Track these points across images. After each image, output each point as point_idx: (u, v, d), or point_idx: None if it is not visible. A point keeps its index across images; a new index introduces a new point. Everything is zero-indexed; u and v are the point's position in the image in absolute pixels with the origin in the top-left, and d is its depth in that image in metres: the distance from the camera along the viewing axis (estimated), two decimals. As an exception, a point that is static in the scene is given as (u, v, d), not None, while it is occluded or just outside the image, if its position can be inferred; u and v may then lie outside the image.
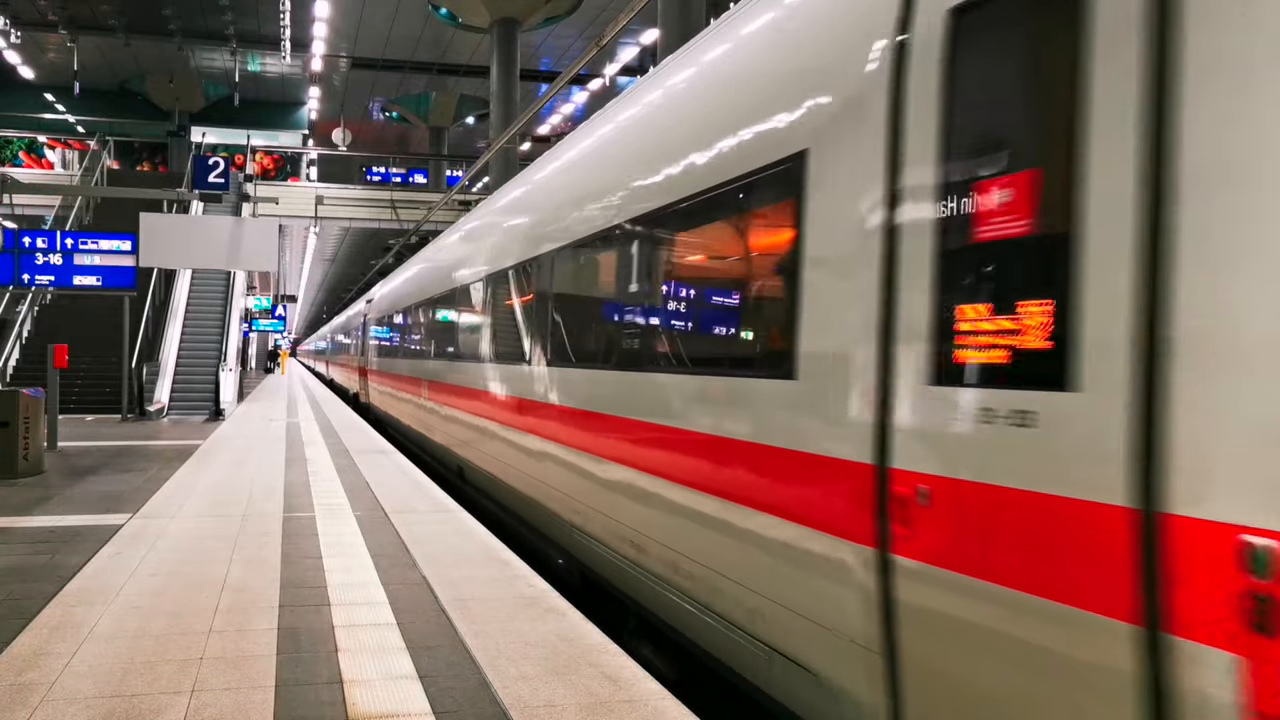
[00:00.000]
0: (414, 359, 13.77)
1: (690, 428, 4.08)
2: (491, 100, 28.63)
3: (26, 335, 19.23)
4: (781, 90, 3.56)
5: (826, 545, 3.09)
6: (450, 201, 29.06)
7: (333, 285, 59.91)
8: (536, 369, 6.60)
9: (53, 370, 12.54)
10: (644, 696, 3.49)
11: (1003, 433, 2.41)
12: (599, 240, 5.39)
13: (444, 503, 7.93)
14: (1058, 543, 2.24)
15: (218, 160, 16.77)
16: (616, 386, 4.98)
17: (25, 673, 3.68)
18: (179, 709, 3.33)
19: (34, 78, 39.72)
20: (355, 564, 5.63)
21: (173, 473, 9.57)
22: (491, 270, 8.46)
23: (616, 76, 37.83)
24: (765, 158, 3.58)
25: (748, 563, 3.60)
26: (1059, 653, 2.24)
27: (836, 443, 3.07)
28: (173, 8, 33.50)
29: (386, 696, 3.49)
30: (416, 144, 50.91)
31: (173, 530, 6.58)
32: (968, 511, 2.51)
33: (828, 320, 3.15)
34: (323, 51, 35.50)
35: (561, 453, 5.90)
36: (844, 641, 3.01)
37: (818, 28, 3.46)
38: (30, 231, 16.39)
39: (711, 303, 4.14)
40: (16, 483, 8.83)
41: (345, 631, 4.28)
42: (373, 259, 38.91)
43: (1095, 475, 2.15)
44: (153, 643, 4.07)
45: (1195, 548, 1.93)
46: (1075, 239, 2.23)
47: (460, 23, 30.89)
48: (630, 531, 4.75)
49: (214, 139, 39.63)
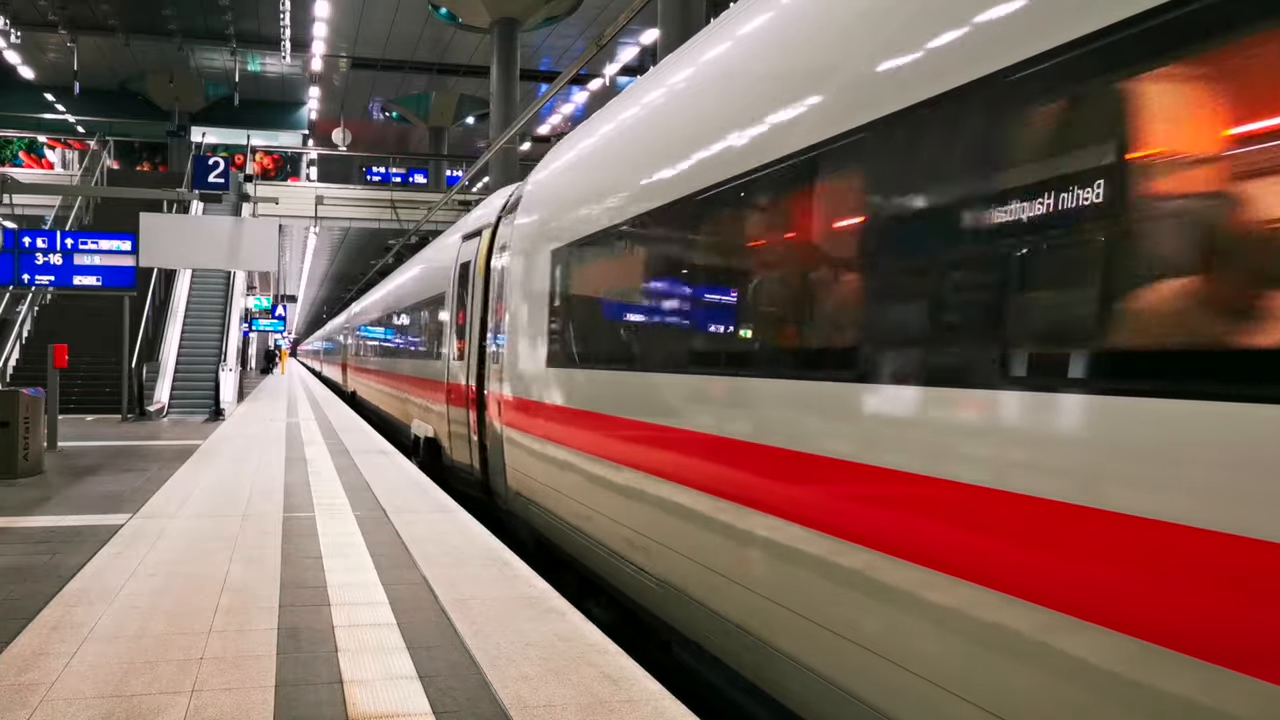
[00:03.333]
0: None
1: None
2: (491, 100, 28.61)
3: (26, 335, 19.23)
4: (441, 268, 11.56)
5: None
6: (450, 201, 29.05)
7: (333, 285, 59.91)
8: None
9: (53, 370, 12.54)
10: (644, 696, 3.49)
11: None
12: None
13: (444, 503, 7.93)
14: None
15: (218, 160, 16.77)
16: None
17: (25, 673, 3.68)
18: (179, 709, 3.33)
19: (34, 78, 39.74)
20: (355, 564, 5.63)
21: (173, 473, 9.56)
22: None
23: (616, 76, 37.82)
24: (437, 289, 11.81)
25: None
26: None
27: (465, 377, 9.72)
28: (173, 8, 33.50)
29: (386, 696, 3.49)
30: (416, 144, 50.91)
31: (173, 530, 6.58)
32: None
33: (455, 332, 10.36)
34: (323, 51, 35.50)
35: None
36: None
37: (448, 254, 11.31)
38: (30, 231, 16.40)
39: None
40: (16, 483, 8.83)
41: (345, 631, 4.28)
42: (373, 259, 38.91)
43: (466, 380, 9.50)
44: (153, 643, 4.07)
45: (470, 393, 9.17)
46: (471, 323, 9.42)
47: (460, 23, 30.88)
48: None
49: (214, 139, 39.57)
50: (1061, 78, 2.36)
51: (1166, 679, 2.05)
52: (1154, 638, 2.05)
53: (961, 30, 2.71)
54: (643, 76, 5.91)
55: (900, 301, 2.96)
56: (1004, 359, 2.49)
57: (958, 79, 2.70)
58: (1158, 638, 2.05)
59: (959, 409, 2.68)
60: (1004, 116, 2.53)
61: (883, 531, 2.93)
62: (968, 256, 2.67)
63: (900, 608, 2.84)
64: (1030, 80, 2.44)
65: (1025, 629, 2.39)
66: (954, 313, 2.72)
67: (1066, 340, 2.34)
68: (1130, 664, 2.12)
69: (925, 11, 2.90)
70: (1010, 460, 2.46)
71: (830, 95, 3.35)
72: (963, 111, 2.70)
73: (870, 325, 3.07)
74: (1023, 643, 2.40)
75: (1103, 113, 2.28)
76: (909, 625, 2.80)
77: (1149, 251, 2.18)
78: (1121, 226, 2.21)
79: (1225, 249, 2.04)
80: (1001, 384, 2.50)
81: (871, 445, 3.01)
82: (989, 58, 2.58)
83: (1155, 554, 2.08)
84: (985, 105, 2.60)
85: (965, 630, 2.59)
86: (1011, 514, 2.43)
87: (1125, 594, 2.14)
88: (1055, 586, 2.31)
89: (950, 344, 2.72)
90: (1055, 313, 2.39)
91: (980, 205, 2.61)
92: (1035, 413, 2.40)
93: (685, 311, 4.43)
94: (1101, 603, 2.18)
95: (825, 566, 3.19)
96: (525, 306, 7.19)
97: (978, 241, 2.62)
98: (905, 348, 2.90)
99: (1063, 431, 2.31)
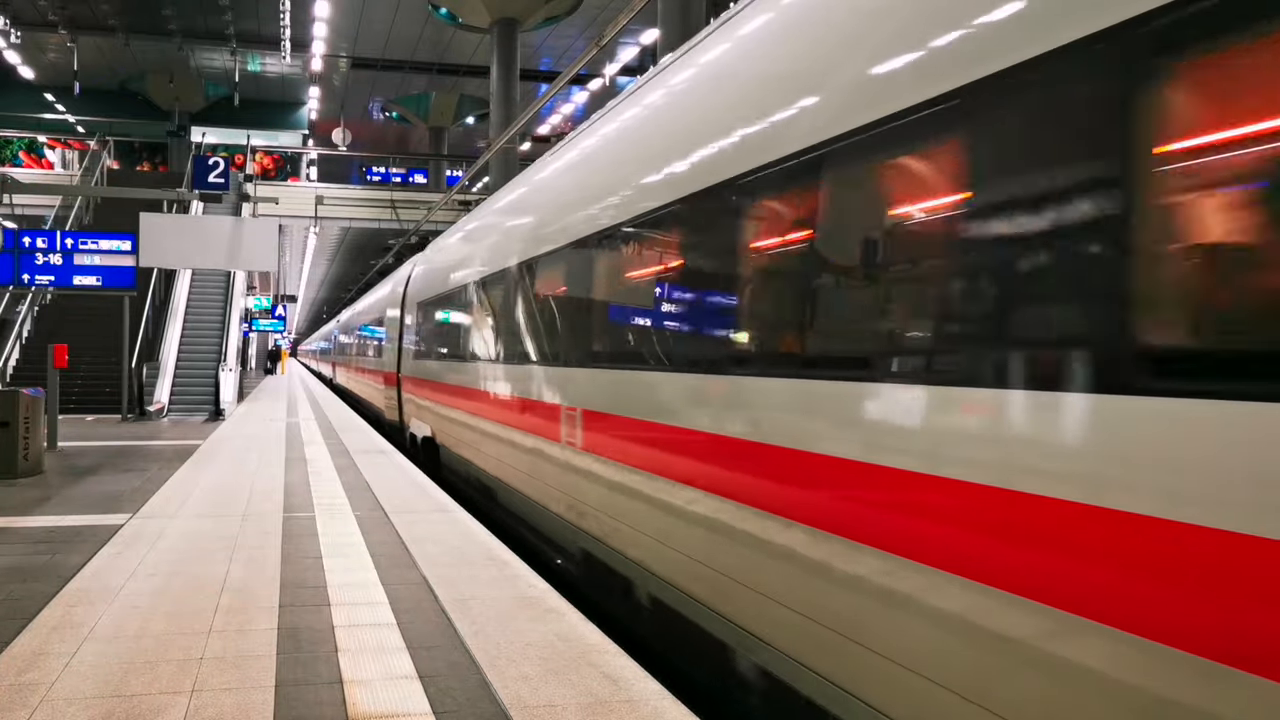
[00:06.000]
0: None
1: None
2: (491, 100, 28.61)
3: (26, 335, 19.23)
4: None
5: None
6: (450, 201, 29.04)
7: (333, 285, 59.91)
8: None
9: (53, 370, 12.54)
10: (644, 696, 3.49)
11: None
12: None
13: (444, 503, 7.93)
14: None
15: (218, 160, 16.77)
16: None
17: (25, 673, 3.68)
18: (179, 709, 3.33)
19: (34, 78, 39.71)
20: (355, 564, 5.63)
21: (173, 473, 9.57)
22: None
23: (616, 76, 37.83)
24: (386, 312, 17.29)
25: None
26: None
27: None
28: (173, 8, 33.50)
29: (386, 696, 3.49)
30: (416, 144, 50.91)
31: (173, 530, 6.58)
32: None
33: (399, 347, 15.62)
34: (323, 51, 35.48)
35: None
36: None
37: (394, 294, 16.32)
38: (30, 231, 16.40)
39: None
40: (16, 483, 8.83)
41: (345, 631, 4.28)
42: (373, 259, 38.92)
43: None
44: (153, 643, 4.07)
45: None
46: (401, 342, 14.96)
47: (460, 23, 30.88)
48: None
49: (214, 139, 39.55)
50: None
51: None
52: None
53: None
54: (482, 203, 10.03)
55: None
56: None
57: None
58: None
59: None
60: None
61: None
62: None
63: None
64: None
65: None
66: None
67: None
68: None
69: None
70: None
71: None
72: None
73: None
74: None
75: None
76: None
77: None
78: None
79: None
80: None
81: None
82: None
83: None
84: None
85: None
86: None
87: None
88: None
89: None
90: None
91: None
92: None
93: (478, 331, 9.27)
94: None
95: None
96: (415, 327, 13.49)
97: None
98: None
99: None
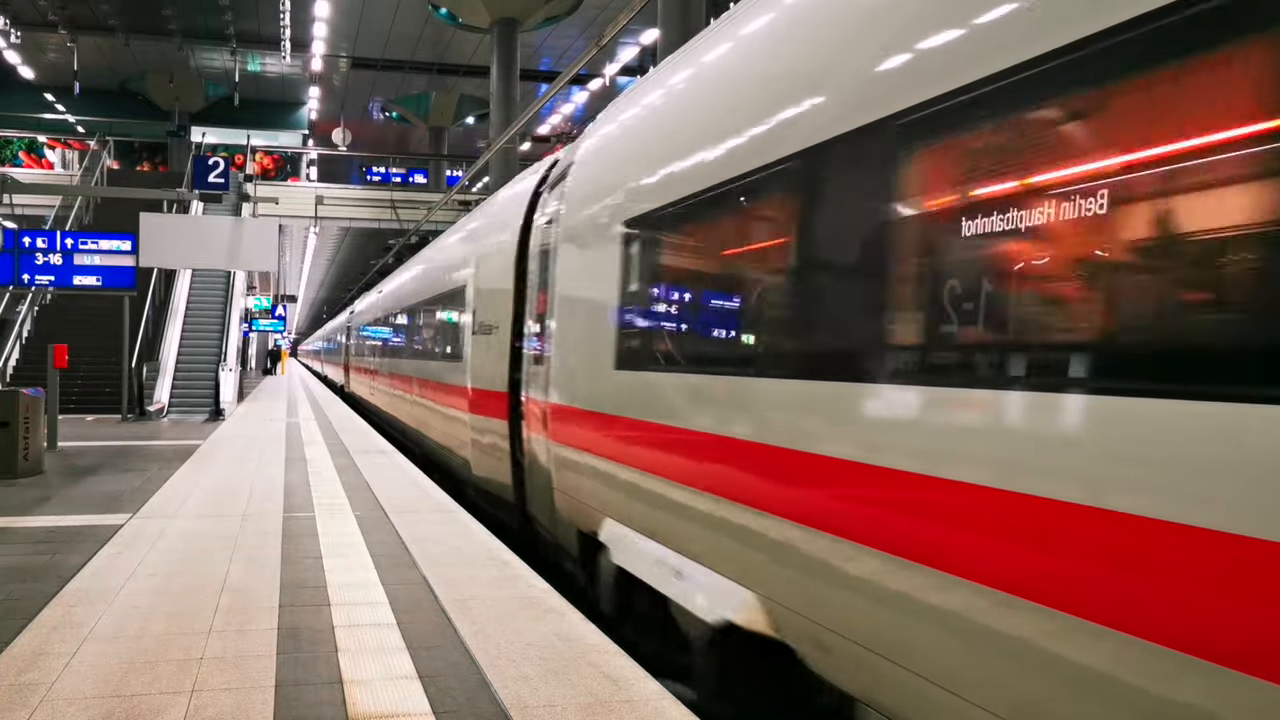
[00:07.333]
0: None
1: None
2: (491, 100, 28.61)
3: (26, 335, 19.22)
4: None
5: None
6: (450, 201, 29.04)
7: (333, 285, 59.92)
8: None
9: (53, 370, 12.54)
10: (644, 696, 3.49)
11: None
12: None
13: (444, 503, 7.93)
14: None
15: (218, 160, 16.77)
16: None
17: (25, 673, 3.68)
18: (179, 709, 3.33)
19: (34, 78, 39.68)
20: (355, 564, 5.63)
21: (173, 473, 9.56)
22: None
23: (616, 76, 37.82)
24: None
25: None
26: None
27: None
28: (173, 8, 33.48)
29: (386, 696, 3.49)
30: (416, 144, 50.89)
31: (173, 530, 6.58)
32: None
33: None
34: (323, 51, 35.47)
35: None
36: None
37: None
38: (30, 231, 16.40)
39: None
40: (16, 483, 8.83)
41: (345, 631, 4.28)
42: (373, 259, 38.91)
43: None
44: (153, 643, 4.07)
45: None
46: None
47: (460, 23, 30.88)
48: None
49: (214, 139, 39.54)
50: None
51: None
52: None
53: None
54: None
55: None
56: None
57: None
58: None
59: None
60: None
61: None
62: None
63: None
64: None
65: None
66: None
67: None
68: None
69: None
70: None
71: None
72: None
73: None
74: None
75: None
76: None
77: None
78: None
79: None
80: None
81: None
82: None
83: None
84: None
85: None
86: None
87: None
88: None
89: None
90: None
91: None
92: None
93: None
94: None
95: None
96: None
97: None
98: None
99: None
